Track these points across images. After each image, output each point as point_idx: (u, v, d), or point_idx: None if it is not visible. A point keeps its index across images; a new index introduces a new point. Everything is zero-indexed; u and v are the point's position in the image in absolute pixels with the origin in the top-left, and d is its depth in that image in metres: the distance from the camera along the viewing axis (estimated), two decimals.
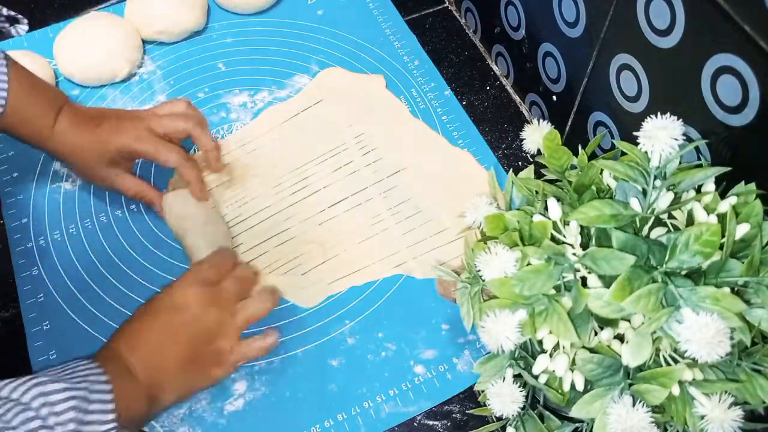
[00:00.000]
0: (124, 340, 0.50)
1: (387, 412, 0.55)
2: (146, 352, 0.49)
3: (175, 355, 0.50)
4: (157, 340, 0.50)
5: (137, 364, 0.48)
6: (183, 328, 0.51)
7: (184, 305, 0.51)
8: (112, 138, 0.59)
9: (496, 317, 0.40)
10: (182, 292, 0.52)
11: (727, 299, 0.36)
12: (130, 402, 0.46)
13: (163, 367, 0.49)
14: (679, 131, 0.39)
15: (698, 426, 0.38)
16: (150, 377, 0.48)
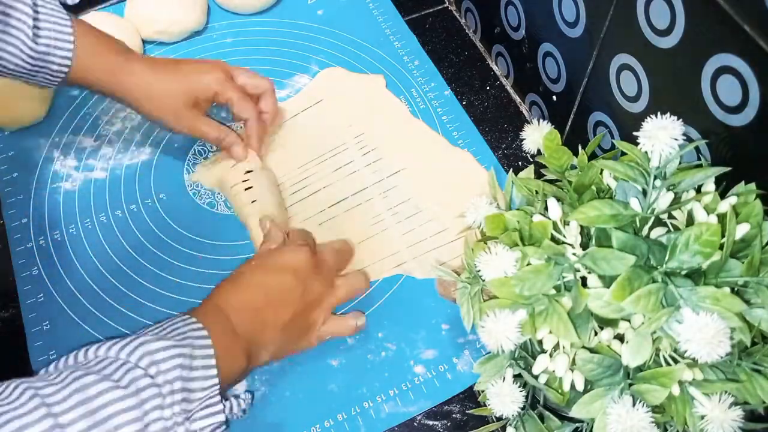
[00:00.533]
0: (228, 296, 0.50)
1: (387, 412, 0.55)
2: (252, 309, 0.50)
3: (278, 315, 0.50)
4: (263, 298, 0.50)
5: (240, 321, 0.49)
6: (290, 290, 0.51)
7: (294, 268, 0.52)
8: (197, 77, 0.60)
9: (496, 317, 0.40)
10: (292, 256, 0.53)
11: (727, 299, 0.36)
12: (230, 359, 0.46)
13: (265, 326, 0.50)
14: (679, 131, 0.39)
15: (698, 426, 0.38)
16: (251, 334, 0.49)
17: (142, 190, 0.67)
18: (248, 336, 0.49)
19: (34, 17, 0.54)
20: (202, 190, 0.67)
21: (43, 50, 0.55)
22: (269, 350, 0.51)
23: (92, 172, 0.69)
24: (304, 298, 0.52)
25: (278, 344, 0.51)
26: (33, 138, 0.71)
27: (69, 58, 0.56)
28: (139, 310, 0.60)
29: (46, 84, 0.58)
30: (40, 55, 0.55)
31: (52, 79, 0.57)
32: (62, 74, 0.57)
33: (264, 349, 0.50)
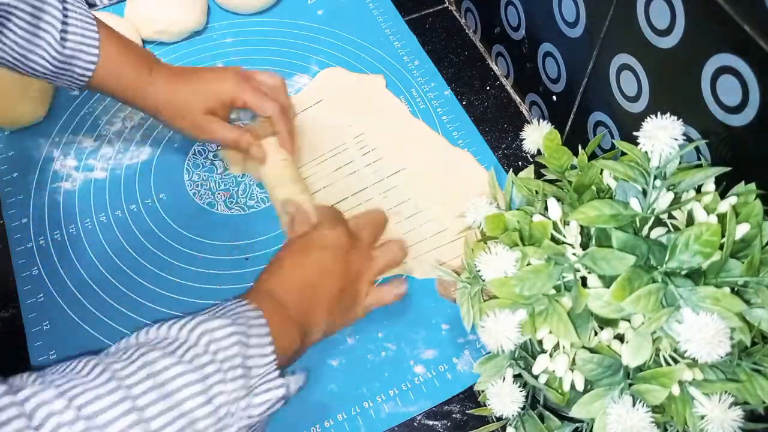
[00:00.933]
0: (275, 278, 0.52)
1: (387, 412, 0.55)
2: (299, 289, 0.51)
3: (325, 292, 0.52)
4: (309, 278, 0.52)
5: (291, 301, 0.50)
6: (333, 266, 0.53)
7: (333, 245, 0.53)
8: (213, 86, 0.61)
9: (496, 317, 0.40)
10: (328, 234, 0.54)
11: (727, 299, 0.36)
12: (285, 338, 0.48)
13: (314, 304, 0.51)
14: (679, 131, 0.39)
15: (698, 426, 0.38)
16: (303, 314, 0.50)
17: (142, 190, 0.67)
18: (300, 316, 0.50)
19: (63, 21, 0.55)
20: (202, 189, 0.67)
21: (69, 54, 0.56)
22: (321, 327, 0.52)
23: (92, 172, 0.69)
24: (346, 274, 0.53)
25: (329, 320, 0.52)
26: (33, 138, 0.71)
27: (93, 62, 0.57)
28: (139, 310, 0.60)
29: (67, 86, 0.59)
30: (65, 58, 0.56)
31: (75, 82, 0.58)
32: (85, 79, 0.58)
33: (316, 327, 0.51)
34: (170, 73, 0.61)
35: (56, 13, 0.54)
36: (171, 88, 0.61)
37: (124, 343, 0.43)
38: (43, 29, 0.54)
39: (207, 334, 0.42)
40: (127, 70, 0.59)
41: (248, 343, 0.44)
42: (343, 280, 0.53)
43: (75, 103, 0.73)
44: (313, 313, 0.51)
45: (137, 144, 0.70)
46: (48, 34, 0.54)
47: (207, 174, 0.68)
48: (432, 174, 0.66)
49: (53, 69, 0.56)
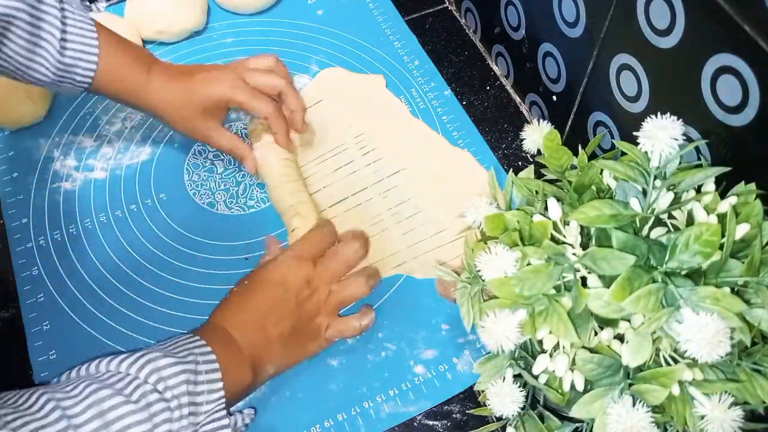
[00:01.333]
0: (227, 314, 0.52)
1: (387, 412, 0.55)
2: (250, 325, 0.51)
3: (277, 328, 0.52)
4: (260, 313, 0.52)
5: (241, 337, 0.50)
6: (284, 303, 0.52)
7: (285, 282, 0.53)
8: (207, 88, 0.61)
9: (496, 317, 0.40)
10: (283, 269, 0.54)
11: (727, 299, 0.36)
12: (235, 374, 0.48)
13: (266, 340, 0.51)
14: (679, 131, 0.39)
15: (698, 426, 0.38)
16: (253, 349, 0.50)
17: (142, 190, 0.67)
18: (252, 351, 0.50)
19: (62, 29, 0.55)
20: (202, 189, 0.67)
21: (69, 62, 0.56)
22: (275, 363, 0.52)
23: (92, 172, 0.69)
24: (300, 308, 0.53)
25: (283, 355, 0.53)
26: (33, 138, 0.71)
27: (93, 69, 0.57)
28: (139, 310, 0.60)
29: (68, 92, 0.60)
30: (66, 66, 0.56)
31: (75, 87, 0.59)
32: (85, 85, 0.58)
33: (269, 362, 0.52)
34: (167, 74, 0.61)
35: (55, 22, 0.54)
36: (167, 88, 0.60)
37: (74, 373, 0.44)
38: (43, 38, 0.54)
39: (156, 372, 0.43)
40: (126, 73, 0.59)
41: (197, 380, 0.44)
42: (295, 317, 0.53)
43: (75, 103, 0.73)
44: (265, 348, 0.51)
45: (137, 144, 0.70)
46: (48, 43, 0.54)
47: (207, 174, 0.68)
48: (432, 174, 0.66)
49: (54, 77, 0.56)
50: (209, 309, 0.59)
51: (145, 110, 0.62)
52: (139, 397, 0.41)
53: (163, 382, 0.43)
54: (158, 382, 0.43)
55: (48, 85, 0.57)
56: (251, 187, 0.67)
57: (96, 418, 0.40)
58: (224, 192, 0.67)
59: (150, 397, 0.42)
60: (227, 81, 0.61)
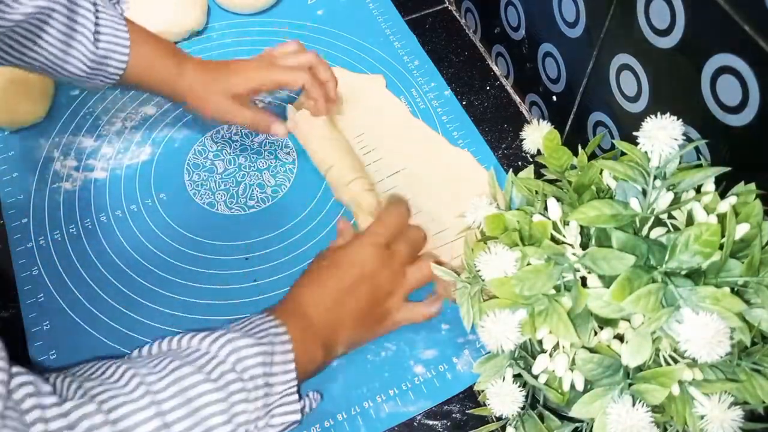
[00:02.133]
0: (303, 293, 0.53)
1: (387, 412, 0.55)
2: (326, 304, 0.52)
3: (352, 308, 0.53)
4: (336, 293, 0.53)
5: (317, 316, 0.51)
6: (360, 284, 0.53)
7: (362, 263, 0.54)
8: (238, 74, 0.63)
9: (496, 317, 0.40)
10: (360, 250, 0.55)
11: (727, 299, 0.36)
12: (308, 354, 0.49)
13: (339, 320, 0.52)
14: (679, 131, 0.39)
15: (698, 426, 0.38)
16: (327, 330, 0.51)
17: (142, 190, 0.67)
18: (324, 330, 0.51)
19: (96, 22, 0.57)
20: (202, 189, 0.67)
21: (102, 54, 0.57)
22: (345, 343, 0.53)
23: (92, 172, 0.69)
24: (375, 292, 0.54)
25: (353, 336, 0.54)
26: (33, 138, 0.71)
27: (125, 62, 0.59)
28: (140, 310, 0.60)
29: (96, 87, 0.61)
30: (99, 58, 0.57)
31: (106, 81, 0.60)
32: (116, 77, 0.60)
33: (340, 342, 0.53)
34: (200, 64, 0.63)
35: (89, 15, 0.56)
36: (197, 77, 0.62)
37: (156, 348, 0.46)
38: (78, 32, 0.55)
39: (235, 352, 0.44)
40: (156, 64, 0.61)
41: (273, 361, 0.46)
42: (371, 298, 0.54)
43: (75, 103, 0.73)
44: (338, 330, 0.52)
45: (137, 144, 0.70)
46: (83, 36, 0.56)
47: (207, 174, 0.68)
48: (432, 174, 0.66)
49: (88, 70, 0.57)
50: (209, 309, 0.60)
51: (174, 98, 0.64)
52: (218, 375, 0.43)
53: (241, 363, 0.44)
54: (237, 362, 0.44)
55: (79, 79, 0.58)
56: (251, 187, 0.67)
57: (178, 394, 0.41)
58: (224, 192, 0.67)
59: (228, 377, 0.43)
60: (256, 67, 0.64)
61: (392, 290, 0.55)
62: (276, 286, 0.61)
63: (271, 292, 0.61)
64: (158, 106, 0.73)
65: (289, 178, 0.68)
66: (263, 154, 0.69)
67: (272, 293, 0.60)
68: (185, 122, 0.72)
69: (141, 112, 0.72)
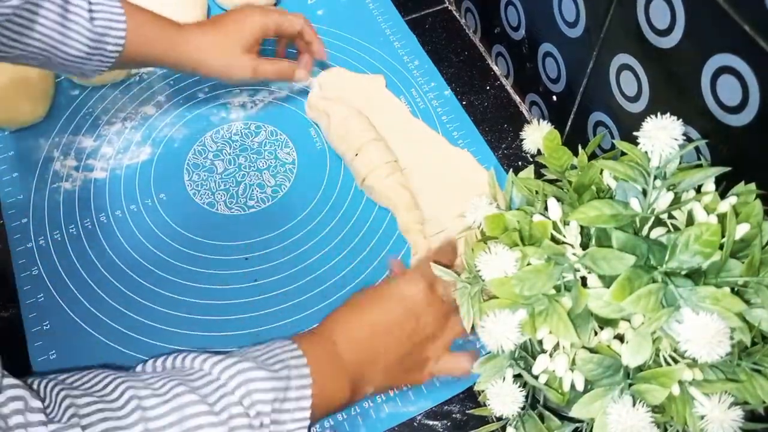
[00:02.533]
0: (340, 324, 0.49)
1: (387, 412, 0.55)
2: (361, 341, 0.48)
3: (388, 349, 0.49)
4: (375, 331, 0.49)
5: (348, 352, 0.48)
6: (403, 323, 0.49)
7: (411, 301, 0.50)
8: (242, 24, 0.63)
9: (496, 317, 0.40)
10: (408, 286, 0.51)
11: (727, 299, 0.36)
12: (331, 388, 0.46)
13: (373, 360, 0.48)
14: (679, 131, 0.39)
15: (698, 426, 0.38)
16: (358, 367, 0.48)
17: (142, 190, 0.67)
18: (355, 367, 0.48)
19: (89, 0, 0.56)
20: (202, 189, 0.67)
21: (100, 32, 0.56)
22: (375, 383, 0.49)
23: (92, 172, 0.69)
24: (417, 333, 0.50)
25: (386, 378, 0.50)
26: (33, 138, 0.71)
27: (123, 37, 0.58)
28: (139, 310, 0.60)
29: (97, 68, 0.59)
30: (97, 36, 0.56)
31: (106, 61, 0.59)
32: (116, 54, 0.58)
33: (370, 382, 0.49)
34: (199, 27, 0.63)
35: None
36: (203, 37, 0.62)
37: (162, 365, 0.43)
38: (72, 12, 0.55)
39: (245, 385, 0.41)
40: (156, 34, 0.60)
41: (286, 396, 0.42)
42: (411, 342, 0.50)
43: (75, 103, 0.73)
44: (371, 367, 0.48)
45: (137, 144, 0.70)
46: (78, 15, 0.55)
47: (207, 174, 0.68)
48: (432, 174, 0.66)
49: (87, 51, 0.56)
50: (209, 309, 0.60)
51: (180, 67, 0.63)
52: (221, 408, 0.40)
53: (249, 397, 0.41)
54: (245, 396, 0.41)
55: (82, 60, 0.57)
56: (251, 187, 0.67)
57: (175, 424, 0.38)
58: (224, 192, 0.67)
59: (233, 410, 0.40)
60: (257, 12, 0.65)
61: (436, 335, 0.51)
62: (276, 286, 0.61)
63: (271, 292, 0.61)
64: (158, 106, 0.73)
65: (289, 178, 0.68)
66: (263, 154, 0.69)
67: (272, 293, 0.60)
68: (185, 122, 0.72)
69: (141, 112, 0.72)
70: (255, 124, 0.72)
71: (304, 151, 0.70)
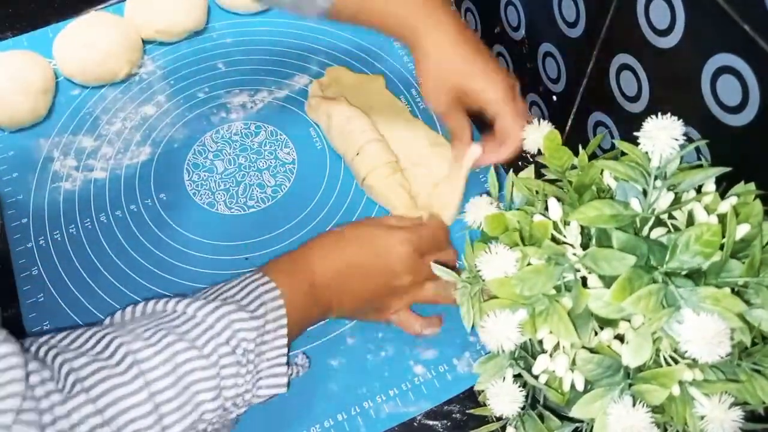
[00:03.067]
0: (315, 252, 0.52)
1: (387, 413, 0.55)
2: (336, 269, 0.52)
3: (360, 288, 0.53)
4: (352, 267, 0.52)
5: (322, 275, 0.51)
6: (378, 274, 0.53)
7: (396, 258, 0.53)
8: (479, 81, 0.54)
9: (497, 317, 0.40)
10: (394, 246, 0.53)
11: (727, 299, 0.36)
12: (303, 311, 0.50)
13: (343, 291, 0.52)
14: (680, 131, 0.39)
15: (698, 426, 0.38)
16: (328, 291, 0.51)
17: (142, 190, 0.67)
18: (325, 291, 0.51)
19: None
20: (202, 189, 0.67)
21: None
22: (340, 311, 0.54)
23: (92, 172, 0.69)
24: (390, 287, 0.54)
25: (350, 311, 0.54)
26: (33, 138, 0.71)
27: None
28: None
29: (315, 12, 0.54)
30: None
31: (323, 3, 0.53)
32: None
33: (336, 309, 0.53)
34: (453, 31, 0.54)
35: None
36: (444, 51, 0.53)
37: (140, 310, 0.46)
38: None
39: (229, 327, 0.44)
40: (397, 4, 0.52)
41: (264, 330, 0.46)
42: (381, 290, 0.54)
43: (75, 103, 0.73)
44: (339, 299, 0.52)
45: (137, 144, 0.70)
46: None
47: (207, 174, 0.68)
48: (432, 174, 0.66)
49: None
50: None
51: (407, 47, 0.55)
52: (211, 350, 0.43)
53: (235, 337, 0.44)
54: (232, 337, 0.44)
55: None
56: (251, 187, 0.67)
57: (171, 373, 0.41)
58: (224, 192, 0.67)
59: (221, 350, 0.43)
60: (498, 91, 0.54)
61: (403, 295, 0.55)
62: None
63: None
64: (158, 106, 0.73)
65: (289, 178, 0.68)
66: (263, 154, 0.69)
67: None
68: (185, 122, 0.72)
69: (141, 112, 0.72)
70: (255, 124, 0.72)
71: (304, 151, 0.70)
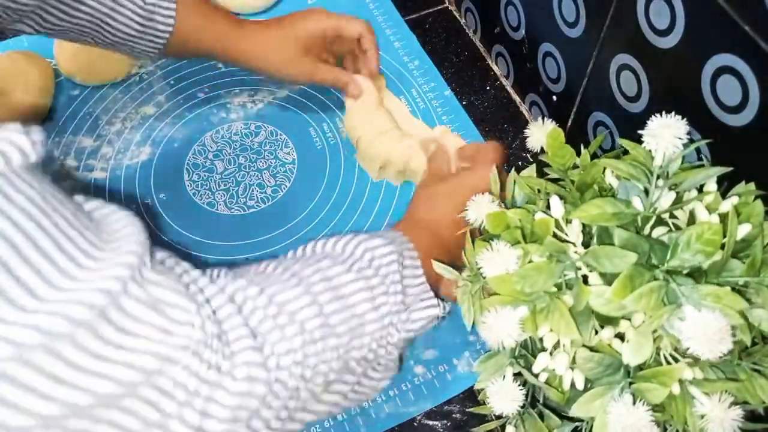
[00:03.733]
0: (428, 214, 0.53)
1: (387, 413, 0.55)
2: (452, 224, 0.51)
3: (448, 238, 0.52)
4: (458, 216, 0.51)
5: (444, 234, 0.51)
6: None
7: None
8: (304, 23, 0.62)
9: (498, 313, 0.40)
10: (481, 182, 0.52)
11: (728, 297, 0.36)
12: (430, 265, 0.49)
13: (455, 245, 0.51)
14: (684, 130, 0.39)
15: (698, 425, 0.38)
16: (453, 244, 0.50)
17: (142, 190, 0.67)
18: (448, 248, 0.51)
19: None
20: (202, 189, 0.67)
21: (150, 9, 0.56)
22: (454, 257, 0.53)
23: (92, 172, 0.69)
24: None
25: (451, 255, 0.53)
26: None
27: (173, 17, 0.57)
28: None
29: (148, 49, 0.59)
30: (146, 13, 0.56)
31: (157, 41, 0.58)
32: (167, 34, 0.58)
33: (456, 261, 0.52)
34: (259, 23, 0.62)
35: None
36: (264, 34, 0.61)
37: (291, 255, 0.47)
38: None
39: (369, 251, 0.45)
40: (209, 21, 0.59)
41: (403, 263, 0.46)
42: None
43: (75, 103, 0.73)
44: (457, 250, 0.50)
45: (137, 144, 0.70)
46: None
47: (207, 174, 0.68)
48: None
49: (138, 28, 0.56)
50: None
51: (234, 60, 0.62)
52: (359, 270, 0.44)
53: (377, 260, 0.45)
54: (373, 260, 0.45)
55: (133, 39, 0.57)
56: (251, 187, 0.67)
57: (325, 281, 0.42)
58: (224, 192, 0.67)
59: (367, 272, 0.44)
60: (318, 13, 0.63)
61: None
62: None
63: None
64: (158, 106, 0.73)
65: (289, 178, 0.68)
66: (263, 154, 0.69)
67: None
68: (185, 122, 0.72)
69: (141, 112, 0.72)
70: (255, 124, 0.72)
71: (304, 151, 0.70)
